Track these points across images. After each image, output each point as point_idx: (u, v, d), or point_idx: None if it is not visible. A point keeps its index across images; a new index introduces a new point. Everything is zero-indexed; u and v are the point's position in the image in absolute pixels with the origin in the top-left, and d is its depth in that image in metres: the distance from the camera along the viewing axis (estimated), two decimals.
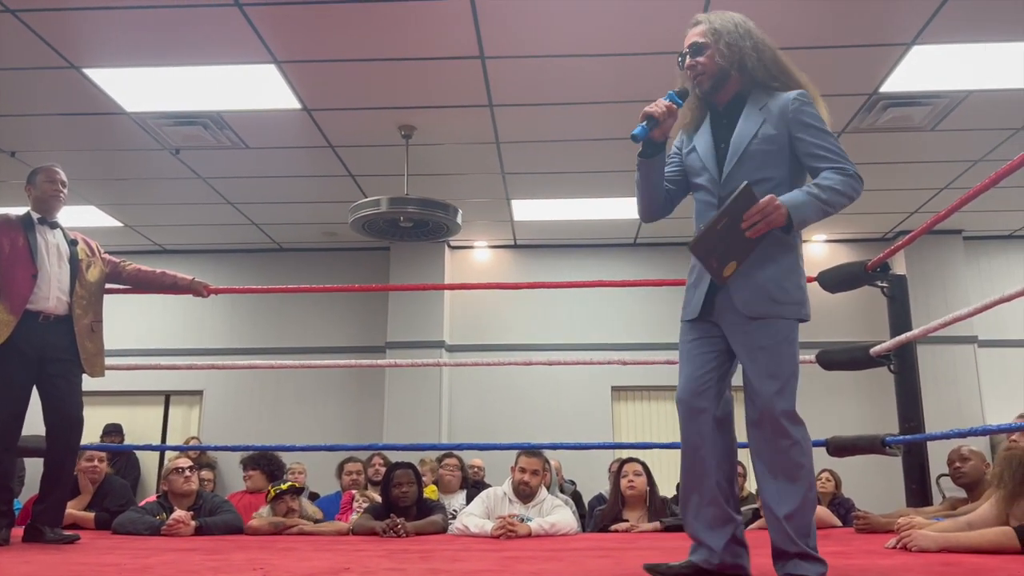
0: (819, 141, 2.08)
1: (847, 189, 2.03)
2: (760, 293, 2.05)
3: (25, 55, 4.79)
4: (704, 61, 2.19)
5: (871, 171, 6.63)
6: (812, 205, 2.00)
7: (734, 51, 2.15)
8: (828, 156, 2.06)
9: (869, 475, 6.81)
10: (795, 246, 2.11)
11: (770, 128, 2.10)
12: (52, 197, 3.60)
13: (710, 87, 2.21)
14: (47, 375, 3.43)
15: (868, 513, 3.78)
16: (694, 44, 2.22)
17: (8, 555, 2.90)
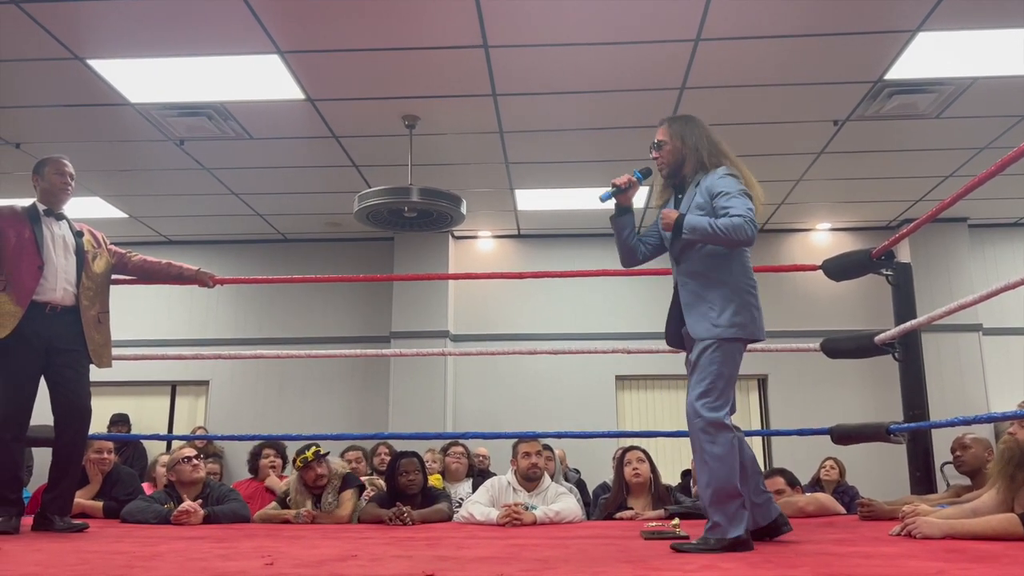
0: (724, 203, 2.72)
1: (732, 228, 2.65)
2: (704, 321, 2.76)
3: (29, 46, 4.79)
4: (664, 155, 2.94)
5: (876, 159, 6.65)
6: (704, 223, 2.69)
7: (686, 148, 2.90)
8: (728, 210, 2.69)
9: (873, 463, 6.82)
10: (727, 283, 2.77)
11: (699, 198, 2.81)
12: (60, 189, 3.61)
13: (667, 174, 2.97)
14: (55, 365, 3.45)
15: (872, 501, 3.79)
16: (658, 142, 2.96)
17: (18, 544, 2.92)
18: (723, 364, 2.71)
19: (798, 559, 2.37)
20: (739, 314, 2.74)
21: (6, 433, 3.35)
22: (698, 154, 2.87)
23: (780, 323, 8.25)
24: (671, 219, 2.77)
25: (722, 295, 2.75)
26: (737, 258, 2.80)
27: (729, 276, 2.78)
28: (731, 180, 2.78)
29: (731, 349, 2.73)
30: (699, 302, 2.78)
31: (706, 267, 2.79)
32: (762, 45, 4.86)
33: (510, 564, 2.30)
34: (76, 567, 2.27)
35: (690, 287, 2.82)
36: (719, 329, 2.72)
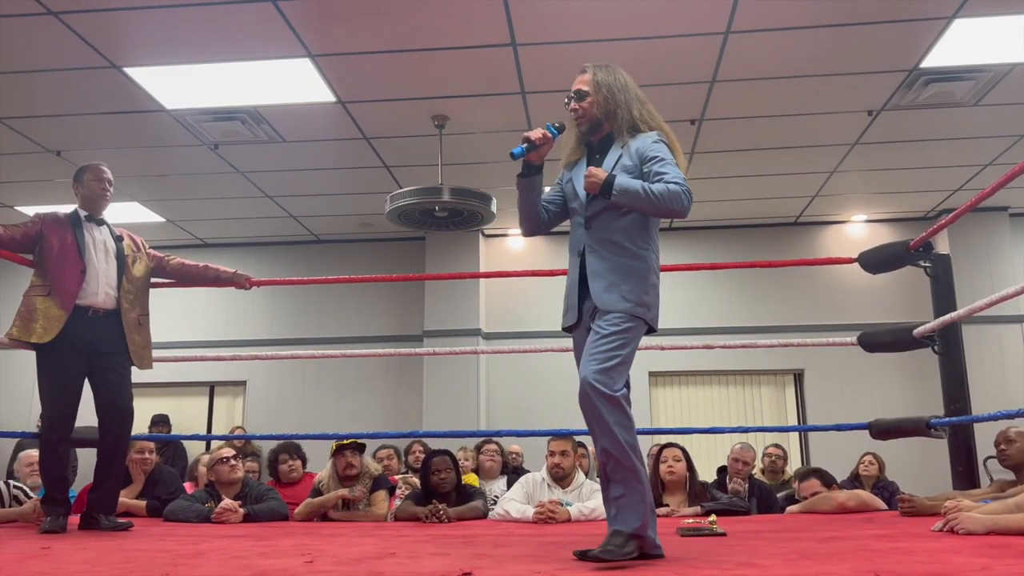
0: (659, 168, 2.43)
1: (668, 195, 2.37)
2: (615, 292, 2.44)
3: (68, 56, 4.90)
4: (585, 107, 2.57)
5: (912, 148, 6.53)
6: (637, 186, 2.38)
7: (610, 103, 2.55)
8: (663, 176, 2.41)
9: (914, 458, 6.71)
10: (645, 257, 2.49)
11: (627, 160, 2.50)
12: (99, 195, 3.69)
13: (587, 129, 2.60)
14: (98, 368, 3.52)
15: (913, 496, 3.73)
16: (578, 91, 2.59)
17: (66, 542, 3.00)
18: (629, 341, 2.39)
19: (839, 555, 2.34)
20: (648, 294, 2.47)
21: (52, 434, 3.44)
22: (627, 111, 2.55)
23: (816, 317, 8.17)
24: (600, 179, 2.41)
25: (636, 270, 2.46)
26: (654, 233, 2.54)
27: (646, 251, 2.51)
28: (665, 147, 2.50)
29: (636, 329, 2.42)
30: (610, 272, 2.45)
31: (623, 237, 2.47)
32: (793, 36, 4.81)
33: (546, 562, 2.31)
34: (122, 565, 2.32)
35: (602, 255, 2.47)
36: (629, 304, 2.41)
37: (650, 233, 2.52)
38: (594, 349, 2.37)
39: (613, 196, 2.38)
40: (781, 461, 5.93)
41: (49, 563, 2.38)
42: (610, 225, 2.49)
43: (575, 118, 2.59)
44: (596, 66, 2.62)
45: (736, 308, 8.36)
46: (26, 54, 4.89)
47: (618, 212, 2.47)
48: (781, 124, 6.01)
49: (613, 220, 2.48)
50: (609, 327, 2.38)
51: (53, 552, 2.65)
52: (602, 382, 2.31)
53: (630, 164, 2.48)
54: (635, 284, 2.44)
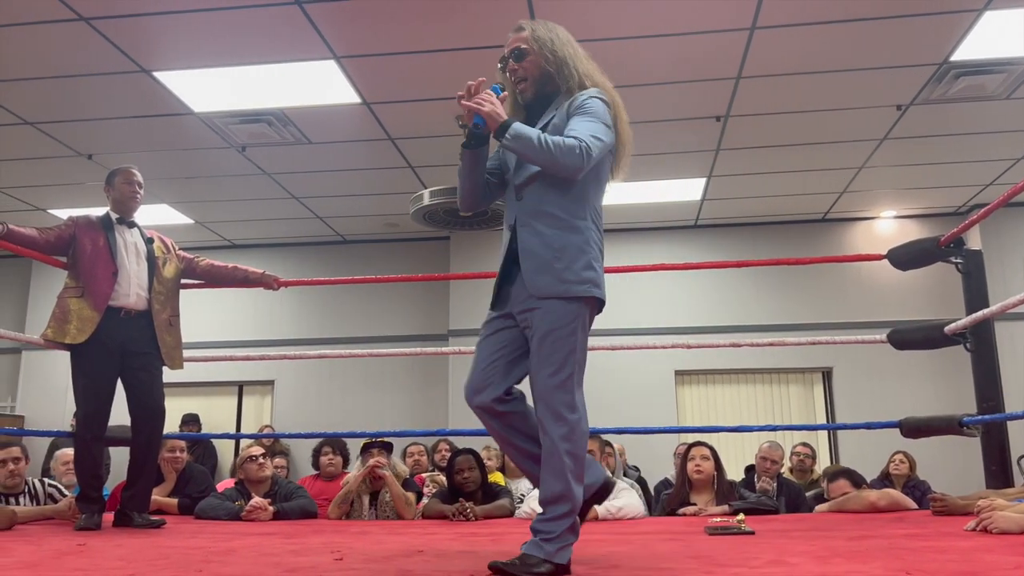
0: (575, 123, 2.18)
1: (561, 147, 2.10)
2: (548, 274, 2.16)
3: (98, 61, 4.98)
4: (526, 67, 2.32)
5: (942, 143, 6.44)
6: (531, 133, 2.12)
7: (551, 61, 2.29)
8: (572, 130, 2.16)
9: (946, 457, 6.61)
10: (582, 229, 2.21)
11: (558, 120, 2.25)
12: (129, 198, 3.75)
13: (532, 91, 2.33)
14: (130, 368, 3.58)
15: (945, 495, 3.68)
16: (517, 50, 2.33)
17: (101, 539, 3.05)
18: (578, 331, 2.15)
19: (869, 553, 2.32)
20: (588, 269, 2.18)
21: (86, 433, 3.50)
22: (568, 71, 2.29)
23: (845, 314, 8.08)
24: (497, 120, 2.13)
25: (572, 245, 2.18)
26: (592, 200, 2.26)
27: (584, 222, 2.21)
28: (600, 105, 2.23)
29: (582, 316, 2.18)
30: (543, 249, 2.18)
31: (557, 207, 2.20)
32: (820, 31, 4.76)
33: (574, 559, 2.31)
34: (156, 562, 2.36)
35: (533, 228, 2.20)
36: (565, 285, 2.15)
37: (588, 202, 2.24)
38: (541, 358, 2.15)
39: (504, 141, 2.13)
40: (809, 460, 5.88)
41: (85, 559, 2.43)
42: (541, 194, 2.22)
43: (515, 80, 2.34)
44: (533, 22, 2.38)
45: (763, 306, 8.29)
46: (58, 59, 4.98)
47: (549, 180, 2.20)
48: (808, 120, 5.96)
49: (544, 188, 2.22)
50: (550, 324, 2.14)
51: (89, 549, 2.70)
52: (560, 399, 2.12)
53: (558, 122, 2.24)
54: (571, 261, 2.16)
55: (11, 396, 8.92)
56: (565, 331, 2.15)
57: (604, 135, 2.19)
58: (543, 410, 2.15)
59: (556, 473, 2.12)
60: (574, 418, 2.14)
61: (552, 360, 2.14)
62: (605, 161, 2.28)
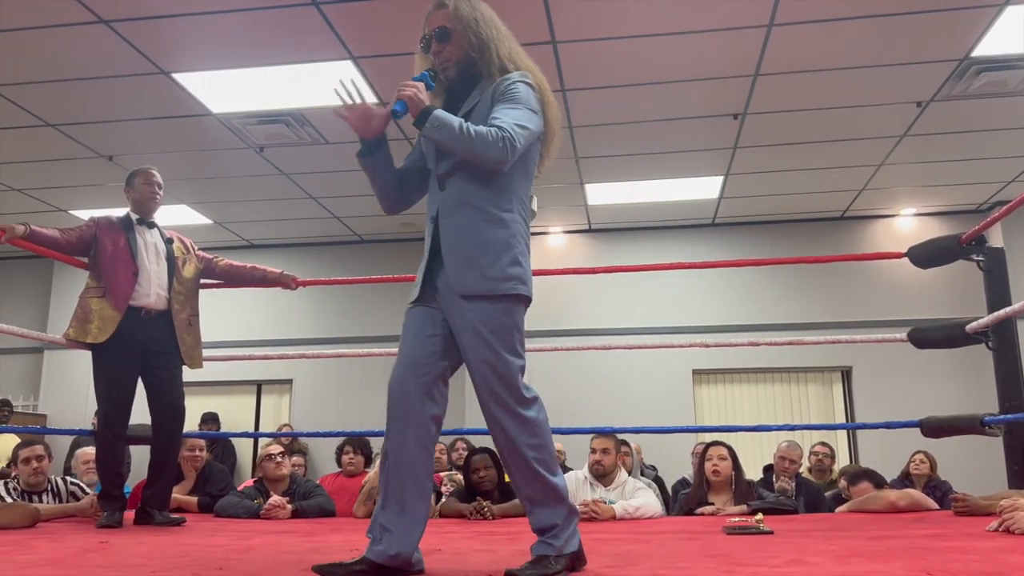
0: (498, 111, 2.05)
1: (483, 136, 1.98)
2: (473, 270, 2.04)
3: (118, 63, 5.03)
4: (451, 48, 2.16)
5: (963, 140, 6.37)
6: (454, 121, 1.99)
7: (480, 41, 2.14)
8: (496, 118, 2.03)
9: (967, 456, 6.54)
10: (508, 222, 2.09)
11: (483, 106, 2.11)
12: (149, 199, 3.78)
13: (457, 73, 2.18)
14: (151, 367, 3.62)
15: (967, 495, 3.65)
16: (441, 29, 2.16)
17: (122, 536, 3.08)
18: (513, 330, 2.06)
19: (890, 553, 2.31)
20: (517, 264, 2.08)
21: (108, 432, 3.54)
22: (491, 54, 2.14)
23: (864, 313, 8.02)
24: (421, 104, 2.02)
25: (497, 239, 2.06)
26: (520, 193, 2.14)
27: (510, 214, 2.10)
28: (526, 90, 2.11)
29: (515, 314, 2.07)
30: (467, 244, 2.06)
31: (482, 199, 2.08)
32: (838, 28, 4.72)
33: (592, 559, 2.31)
34: (177, 559, 2.38)
35: (456, 221, 2.09)
36: (491, 283, 2.04)
37: (514, 193, 2.12)
38: (484, 358, 2.04)
39: (425, 129, 2.01)
40: (828, 460, 5.84)
41: (107, 557, 2.45)
42: (465, 185, 2.09)
43: (439, 63, 2.18)
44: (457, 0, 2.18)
45: (782, 305, 8.24)
46: (79, 62, 5.03)
47: (473, 170, 2.07)
48: (826, 117, 5.91)
49: (468, 179, 2.09)
50: (482, 325, 2.03)
51: (111, 546, 2.73)
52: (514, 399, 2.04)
53: (485, 111, 2.10)
54: (496, 256, 2.05)
55: (34, 395, 9.03)
56: (501, 331, 2.04)
57: (530, 123, 2.07)
58: (496, 412, 2.05)
59: (528, 475, 2.05)
60: (530, 414, 2.06)
61: (494, 363, 2.03)
62: (533, 149, 2.17)
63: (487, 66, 2.15)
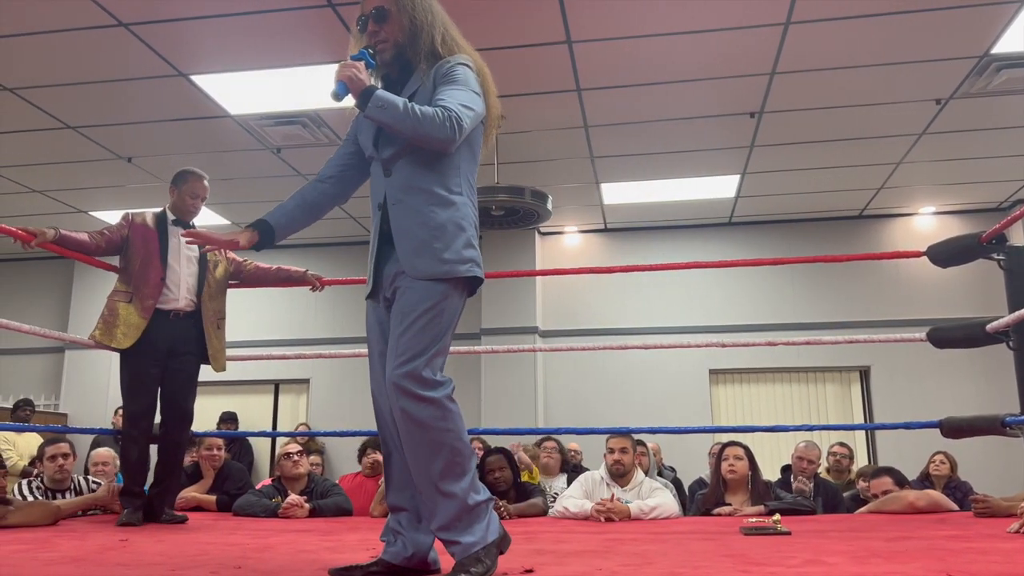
0: (443, 93, 2.02)
1: (429, 116, 1.94)
2: (428, 254, 2.00)
3: (137, 65, 5.08)
4: (388, 30, 2.13)
5: (982, 137, 6.31)
6: (397, 101, 1.95)
7: (415, 25, 2.12)
8: (440, 99, 2.00)
9: (988, 457, 6.49)
10: (459, 204, 2.06)
11: (424, 92, 2.08)
12: (189, 212, 3.80)
13: (392, 56, 2.15)
14: (170, 368, 3.65)
15: (988, 497, 3.62)
16: (379, 10, 2.13)
17: (142, 535, 3.11)
18: (443, 318, 1.99)
19: (909, 554, 2.29)
20: (471, 247, 2.05)
21: (133, 430, 3.58)
22: (428, 37, 2.12)
23: (883, 312, 7.96)
24: (362, 84, 1.96)
25: (451, 221, 2.02)
26: (465, 173, 2.11)
27: (459, 196, 2.07)
28: (467, 72, 2.10)
29: (452, 298, 2.02)
30: (420, 228, 2.01)
31: (432, 181, 2.04)
32: (856, 25, 4.69)
33: (608, 558, 2.31)
34: (196, 557, 2.40)
35: (407, 206, 2.04)
36: (447, 266, 1.99)
37: (462, 174, 2.10)
38: (401, 335, 1.96)
39: (368, 109, 1.96)
40: (847, 460, 5.80)
41: (127, 555, 2.48)
42: (413, 169, 2.05)
43: (375, 43, 2.13)
44: None
45: (799, 304, 8.19)
46: (98, 65, 5.08)
47: (420, 153, 2.04)
48: (844, 115, 5.87)
49: (415, 163, 2.05)
50: (417, 304, 1.97)
51: (131, 544, 2.76)
52: (415, 382, 1.92)
53: (427, 96, 2.07)
54: (451, 239, 2.01)
55: (54, 394, 9.13)
56: (436, 310, 1.97)
57: (474, 104, 2.05)
58: (399, 396, 1.93)
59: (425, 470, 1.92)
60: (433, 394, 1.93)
61: (417, 344, 1.94)
62: (477, 131, 2.15)
63: (424, 50, 2.12)
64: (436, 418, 1.92)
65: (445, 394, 1.96)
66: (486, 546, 1.91)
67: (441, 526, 1.92)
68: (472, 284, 2.07)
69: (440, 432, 1.92)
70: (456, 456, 1.92)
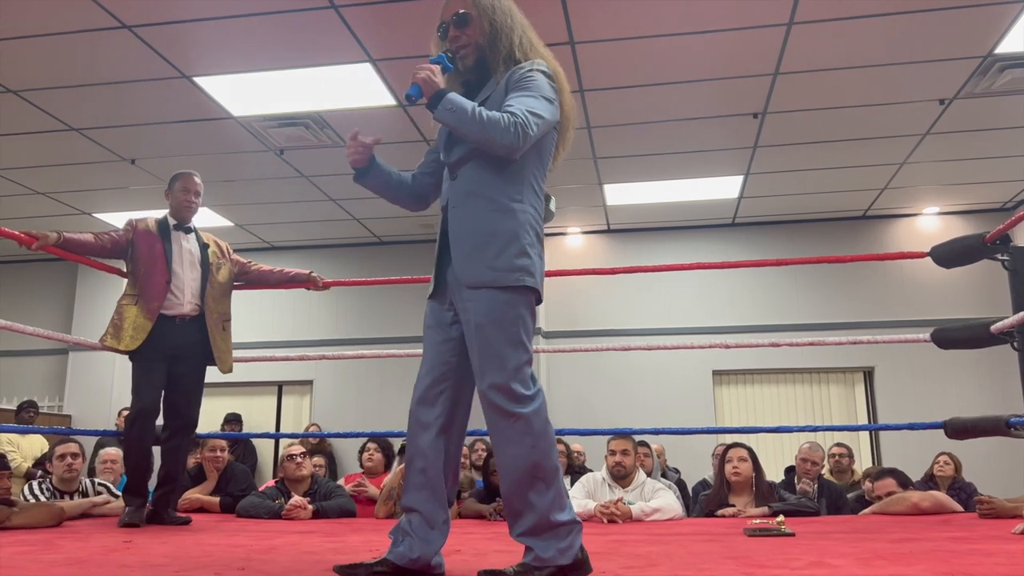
0: (512, 99, 2.02)
1: (495, 121, 1.94)
2: (479, 260, 2.00)
3: (140, 67, 5.09)
4: (469, 34, 2.14)
5: (987, 138, 6.30)
6: (466, 105, 1.97)
7: (496, 28, 2.12)
8: (509, 105, 2.00)
9: (992, 459, 6.47)
10: (518, 212, 2.04)
11: (497, 96, 2.08)
12: (184, 207, 3.81)
13: (474, 61, 2.16)
14: (176, 373, 3.66)
15: (992, 498, 3.61)
16: (460, 15, 2.14)
17: (145, 536, 3.12)
18: (521, 322, 1.98)
19: (913, 556, 2.28)
20: (525, 256, 2.02)
21: (137, 431, 3.58)
22: (507, 42, 2.11)
23: (887, 313, 7.95)
24: (435, 87, 1.99)
25: (506, 228, 2.01)
26: (531, 181, 2.09)
27: (520, 204, 2.05)
28: (541, 78, 2.07)
29: (522, 303, 2.00)
30: (474, 233, 2.03)
31: (492, 188, 2.04)
32: (860, 25, 4.68)
33: (611, 560, 2.31)
34: (200, 559, 2.40)
35: (465, 210, 2.05)
36: (496, 273, 1.98)
37: (526, 182, 2.08)
38: (481, 348, 1.98)
39: (437, 111, 1.98)
40: (847, 460, 5.80)
41: (131, 556, 2.48)
42: (476, 174, 2.07)
43: (457, 48, 2.14)
44: None
45: (803, 305, 8.18)
46: (102, 67, 5.09)
47: (485, 158, 2.05)
48: (847, 116, 5.87)
49: (479, 168, 2.06)
50: (485, 315, 1.98)
51: (135, 546, 2.76)
52: (504, 395, 1.95)
53: (500, 100, 2.07)
54: (503, 246, 2.00)
55: (58, 396, 9.15)
56: (502, 322, 1.97)
57: (545, 111, 2.03)
58: (487, 409, 1.98)
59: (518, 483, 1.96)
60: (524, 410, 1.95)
61: (493, 355, 1.96)
62: (548, 139, 2.13)
63: (502, 54, 2.12)
64: (522, 433, 1.94)
65: (533, 409, 1.96)
66: (552, 569, 1.91)
67: (520, 533, 1.97)
68: (537, 292, 2.05)
69: (525, 448, 1.94)
70: (538, 472, 1.94)
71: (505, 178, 2.05)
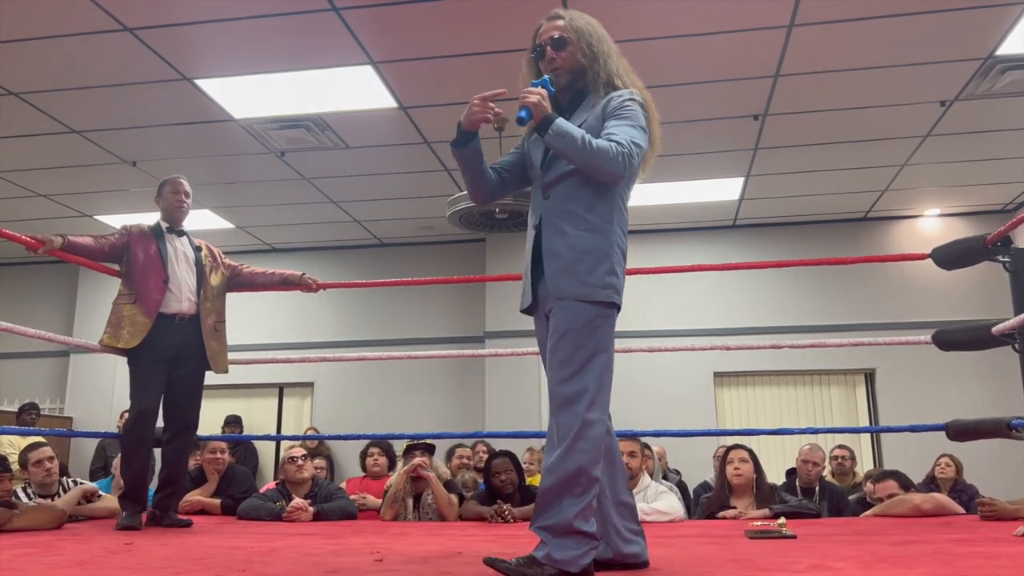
0: (613, 127, 2.13)
1: (603, 150, 2.06)
2: (572, 276, 2.12)
3: (142, 70, 5.09)
4: (565, 56, 2.25)
5: (988, 139, 6.29)
6: (576, 132, 2.07)
7: (590, 52, 2.24)
8: (612, 135, 2.11)
9: (994, 460, 6.47)
10: (608, 232, 2.16)
11: (593, 121, 2.19)
12: (176, 208, 3.83)
13: (567, 83, 2.27)
14: (177, 377, 3.66)
15: (994, 500, 3.60)
16: (557, 38, 2.25)
17: (145, 538, 3.12)
18: (600, 335, 2.10)
19: (915, 559, 2.28)
20: (613, 274, 2.14)
21: (136, 432, 3.58)
22: (604, 67, 2.24)
23: (888, 315, 7.94)
24: (545, 111, 2.08)
25: (597, 247, 2.13)
26: (619, 205, 2.21)
27: (610, 225, 2.17)
28: (638, 109, 2.19)
29: (603, 319, 2.12)
30: (567, 250, 2.14)
31: (584, 208, 2.15)
32: (861, 27, 4.68)
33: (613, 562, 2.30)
34: (201, 561, 2.40)
35: (558, 229, 2.16)
36: (587, 289, 2.10)
37: (615, 204, 2.20)
38: (560, 358, 2.08)
39: (548, 135, 2.08)
40: (849, 462, 5.79)
41: (133, 558, 2.48)
42: (570, 194, 2.17)
43: (552, 70, 2.26)
44: (569, 11, 2.29)
45: (804, 306, 8.18)
46: (103, 69, 5.10)
47: (579, 179, 2.16)
48: (848, 117, 5.86)
49: (573, 188, 2.17)
50: (569, 323, 2.09)
51: (136, 548, 2.76)
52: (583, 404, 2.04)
53: (594, 123, 2.20)
54: (595, 264, 2.12)
55: (60, 398, 9.16)
56: (586, 331, 2.08)
57: (643, 141, 2.15)
58: (554, 410, 2.08)
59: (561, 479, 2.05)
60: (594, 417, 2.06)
61: (571, 362, 2.07)
62: None
63: (596, 79, 2.24)
64: (580, 438, 2.04)
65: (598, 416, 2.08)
66: (555, 571, 1.98)
67: (541, 526, 2.05)
68: (619, 308, 2.17)
69: (578, 452, 2.03)
70: (581, 477, 2.03)
71: (596, 199, 2.17)
